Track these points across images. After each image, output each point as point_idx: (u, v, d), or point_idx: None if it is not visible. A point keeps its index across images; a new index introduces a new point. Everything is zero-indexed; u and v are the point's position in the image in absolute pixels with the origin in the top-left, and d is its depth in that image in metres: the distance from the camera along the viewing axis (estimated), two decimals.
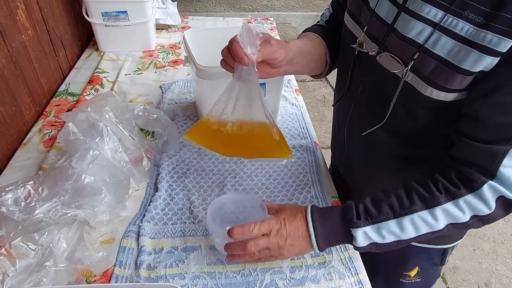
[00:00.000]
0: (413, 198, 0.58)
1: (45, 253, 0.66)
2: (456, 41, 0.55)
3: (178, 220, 0.77)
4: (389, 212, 0.59)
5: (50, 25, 1.16)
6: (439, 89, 0.58)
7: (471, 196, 0.56)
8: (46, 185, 0.74)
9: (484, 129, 0.55)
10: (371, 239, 0.60)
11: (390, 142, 0.72)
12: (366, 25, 0.69)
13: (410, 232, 0.58)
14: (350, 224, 0.60)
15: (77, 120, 0.83)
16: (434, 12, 0.57)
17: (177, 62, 1.33)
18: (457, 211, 0.57)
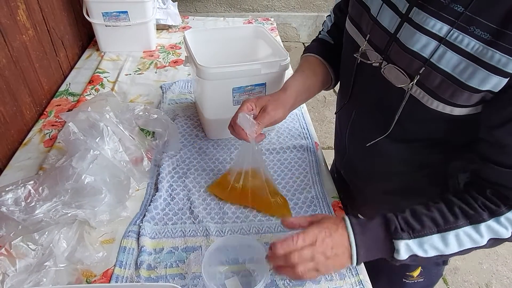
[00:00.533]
0: (456, 213, 0.58)
1: (45, 253, 0.66)
2: (463, 57, 0.54)
3: (179, 220, 0.77)
4: (432, 227, 0.58)
5: (51, 25, 1.16)
6: (445, 103, 0.58)
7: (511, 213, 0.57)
8: (47, 185, 0.74)
9: (510, 155, 0.56)
10: (412, 251, 0.58)
11: (392, 149, 0.72)
12: (368, 33, 0.68)
13: (454, 247, 0.57)
14: (394, 236, 0.58)
15: (77, 120, 0.83)
16: (439, 26, 0.56)
17: (177, 62, 1.33)
18: (500, 227, 0.57)
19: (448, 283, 1.69)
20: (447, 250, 0.57)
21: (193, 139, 0.98)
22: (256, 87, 0.91)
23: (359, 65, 0.72)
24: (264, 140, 1.00)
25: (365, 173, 0.85)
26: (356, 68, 0.74)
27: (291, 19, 3.47)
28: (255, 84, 0.90)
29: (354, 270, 0.70)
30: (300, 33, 3.55)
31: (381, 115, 0.70)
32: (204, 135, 1.00)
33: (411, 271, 0.89)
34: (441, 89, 0.58)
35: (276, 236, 0.75)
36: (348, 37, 0.76)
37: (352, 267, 0.70)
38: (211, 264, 0.67)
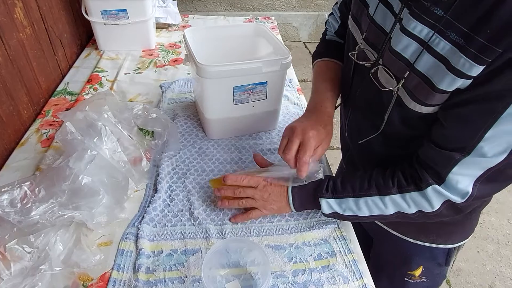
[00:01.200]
0: (371, 184, 0.67)
1: (41, 256, 0.65)
2: (437, 60, 0.55)
3: (178, 222, 0.75)
4: (350, 191, 0.68)
5: (49, 24, 1.14)
6: (421, 104, 0.60)
7: (417, 193, 0.63)
8: (43, 186, 0.72)
9: (446, 137, 0.59)
10: (333, 209, 0.70)
11: (385, 145, 0.73)
12: (365, 31, 0.69)
13: (365, 211, 0.67)
14: (318, 194, 0.71)
15: (75, 119, 0.82)
16: (419, 28, 0.57)
17: (177, 61, 1.32)
18: (404, 203, 0.64)
19: (451, 285, 1.67)
20: (360, 212, 0.68)
21: (193, 139, 0.96)
22: (257, 85, 0.89)
23: (356, 64, 0.73)
24: (265, 140, 0.98)
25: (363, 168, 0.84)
26: (353, 67, 0.74)
27: (291, 19, 3.45)
28: (256, 82, 0.88)
29: (358, 273, 0.68)
30: (301, 33, 3.53)
31: (372, 114, 0.72)
32: (204, 135, 0.98)
33: (413, 270, 0.88)
34: (417, 90, 0.60)
35: (278, 238, 0.74)
36: (350, 35, 0.76)
37: (356, 270, 0.69)
38: (211, 267, 0.65)
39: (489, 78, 0.51)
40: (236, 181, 0.74)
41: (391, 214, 0.66)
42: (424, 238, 0.83)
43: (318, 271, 0.68)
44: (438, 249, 0.84)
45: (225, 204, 0.76)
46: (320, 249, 0.72)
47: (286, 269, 0.68)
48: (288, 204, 0.74)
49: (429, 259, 0.86)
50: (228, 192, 0.75)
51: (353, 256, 0.71)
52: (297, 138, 0.70)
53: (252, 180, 0.74)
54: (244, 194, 0.74)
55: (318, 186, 0.72)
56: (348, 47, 0.78)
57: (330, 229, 0.75)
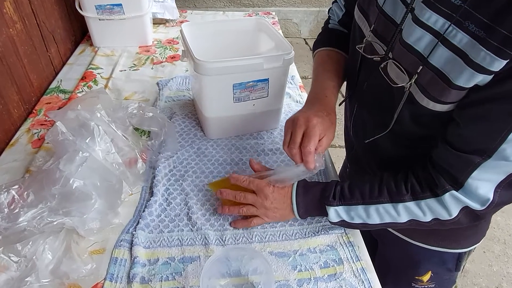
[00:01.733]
0: (382, 190, 0.63)
1: (28, 266, 0.60)
2: (453, 53, 0.51)
3: (175, 228, 0.71)
4: (359, 198, 0.64)
5: (41, 19, 1.09)
6: (435, 101, 0.56)
7: (433, 200, 0.59)
8: (32, 189, 0.68)
9: (463, 138, 0.55)
10: (341, 217, 0.65)
11: (392, 144, 0.69)
12: (374, 23, 0.64)
13: (375, 219, 0.63)
14: (325, 202, 0.66)
15: (66, 119, 0.78)
16: (434, 18, 0.52)
17: (175, 57, 1.27)
18: (419, 211, 0.60)
19: (457, 287, 1.63)
20: (370, 220, 0.64)
21: (191, 139, 0.92)
22: (258, 83, 0.85)
23: (364, 58, 0.68)
24: (266, 140, 0.94)
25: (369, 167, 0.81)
26: (360, 60, 0.70)
27: (292, 15, 3.40)
28: (257, 79, 0.84)
29: (367, 282, 0.64)
30: (301, 29, 3.48)
31: (381, 112, 0.68)
32: (203, 134, 0.94)
33: (421, 275, 0.85)
34: (430, 86, 0.55)
35: (281, 245, 0.69)
36: (356, 25, 0.71)
37: (365, 279, 0.64)
38: (211, 277, 0.61)
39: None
40: (238, 180, 0.71)
41: (404, 222, 0.62)
42: (433, 242, 0.79)
43: (324, 280, 0.64)
44: (448, 254, 0.80)
45: (225, 211, 0.72)
46: (326, 256, 0.68)
47: (290, 278, 0.64)
48: (292, 211, 0.70)
49: (438, 264, 0.82)
50: (229, 196, 0.71)
51: (362, 264, 0.67)
52: (300, 129, 0.66)
53: (253, 183, 0.70)
54: (244, 200, 0.70)
55: (324, 193, 0.67)
56: (354, 39, 0.74)
57: (336, 235, 0.71)
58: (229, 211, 0.72)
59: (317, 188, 0.69)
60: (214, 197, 0.78)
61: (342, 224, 0.67)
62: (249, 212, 0.70)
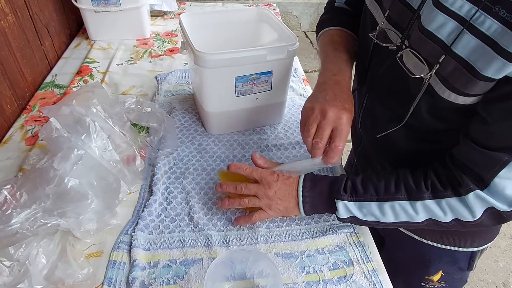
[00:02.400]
0: (399, 186, 0.59)
1: (21, 271, 0.57)
2: (481, 41, 0.47)
3: (176, 228, 0.68)
4: (374, 194, 0.60)
5: (34, 11, 1.05)
6: (457, 93, 0.52)
7: (455, 200, 0.55)
8: (25, 189, 0.65)
9: (490, 134, 0.52)
10: (352, 213, 0.61)
11: (406, 138, 0.65)
12: (388, 8, 0.59)
13: (389, 217, 0.59)
14: (335, 195, 0.62)
15: (60, 114, 0.74)
16: (459, 3, 0.48)
17: (173, 50, 1.23)
18: (439, 210, 0.57)
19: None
20: (384, 218, 0.60)
21: (192, 135, 0.88)
22: (261, 75, 0.81)
23: (376, 46, 0.64)
24: (270, 135, 0.90)
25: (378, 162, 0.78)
26: (372, 48, 0.66)
27: (292, 7, 3.35)
28: (260, 72, 0.80)
29: (379, 284, 0.61)
30: (302, 22, 3.44)
31: (395, 103, 0.64)
32: (204, 130, 0.90)
33: (431, 274, 0.82)
34: (454, 77, 0.51)
35: (288, 245, 0.66)
36: (367, 11, 0.67)
37: (376, 281, 0.61)
38: (215, 281, 0.58)
39: None
40: (240, 168, 0.67)
41: (420, 222, 0.58)
42: (445, 241, 0.75)
43: (334, 282, 0.61)
44: (460, 253, 0.77)
45: (226, 204, 0.67)
46: (336, 257, 0.64)
47: (298, 281, 0.61)
48: (297, 206, 0.65)
49: (450, 263, 0.79)
50: (229, 188, 0.67)
51: (373, 265, 0.63)
52: (329, 125, 0.61)
53: (255, 172, 0.66)
54: (246, 191, 0.66)
55: (333, 186, 0.63)
56: (365, 26, 0.69)
57: (345, 234, 0.68)
58: (229, 204, 0.67)
59: (326, 181, 0.64)
60: (217, 195, 0.74)
61: (352, 220, 0.63)
62: (251, 203, 0.66)
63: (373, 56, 0.68)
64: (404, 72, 0.57)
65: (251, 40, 0.96)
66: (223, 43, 0.91)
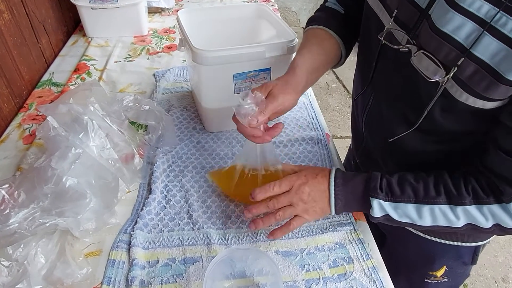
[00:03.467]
0: (440, 190, 0.58)
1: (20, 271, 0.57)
2: (503, 44, 0.45)
3: (176, 227, 0.68)
4: (412, 196, 0.58)
5: (30, 8, 1.04)
6: (477, 97, 0.51)
7: (497, 206, 0.55)
8: (23, 189, 0.65)
9: None
10: (386, 212, 0.59)
11: (417, 140, 0.64)
12: (396, 9, 0.58)
13: (427, 220, 0.58)
14: (371, 193, 0.60)
15: (58, 113, 0.73)
16: (478, 3, 0.46)
17: (171, 47, 1.22)
18: (480, 215, 0.56)
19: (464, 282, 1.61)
20: (420, 221, 0.58)
21: (191, 133, 0.88)
22: (260, 72, 0.80)
23: (383, 47, 0.62)
24: None
25: (384, 163, 0.77)
26: (379, 49, 0.64)
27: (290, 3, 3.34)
28: (259, 69, 0.80)
29: (379, 282, 0.61)
30: (300, 18, 3.42)
31: (404, 106, 0.62)
32: (202, 127, 0.90)
33: (435, 270, 0.81)
34: (473, 80, 0.49)
35: (288, 243, 0.66)
36: (370, 11, 0.66)
37: (377, 279, 0.61)
38: (214, 279, 0.58)
39: None
40: (267, 192, 0.62)
41: (459, 227, 0.57)
42: (449, 237, 0.75)
43: (334, 280, 0.61)
44: (464, 248, 0.77)
45: (260, 224, 0.63)
46: (335, 255, 0.64)
47: (298, 278, 0.61)
48: (328, 205, 0.62)
49: (454, 258, 0.79)
50: (261, 209, 0.63)
51: (373, 262, 0.63)
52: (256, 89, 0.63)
53: (283, 184, 0.62)
54: (279, 205, 0.62)
55: (368, 184, 0.61)
56: (369, 26, 0.68)
57: (345, 232, 0.68)
58: (263, 223, 0.63)
59: (359, 178, 0.62)
60: (216, 193, 0.74)
61: (386, 219, 0.60)
62: (287, 214, 0.62)
63: (380, 57, 0.66)
64: (414, 74, 0.56)
65: (249, 36, 0.95)
66: (221, 39, 0.91)
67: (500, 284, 1.58)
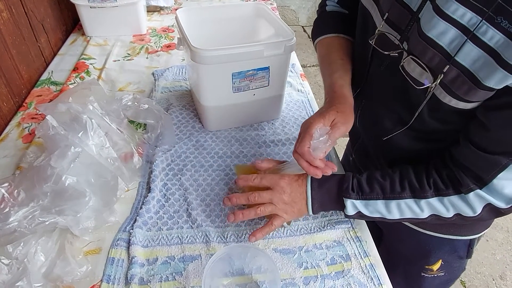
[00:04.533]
0: (404, 186, 0.60)
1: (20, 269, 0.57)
2: (483, 51, 0.47)
3: (174, 225, 0.68)
4: (380, 193, 0.61)
5: (29, 7, 1.04)
6: (458, 99, 0.53)
7: (457, 197, 0.57)
8: (23, 187, 0.65)
9: (491, 140, 0.53)
10: (358, 209, 0.62)
11: (408, 138, 0.66)
12: (387, 11, 0.59)
13: (395, 214, 0.61)
14: (343, 194, 0.63)
15: (57, 112, 0.74)
16: (461, 11, 0.48)
17: (170, 46, 1.23)
18: (441, 207, 0.59)
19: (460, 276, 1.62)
20: (389, 215, 0.61)
21: (189, 131, 0.88)
22: (259, 71, 0.81)
23: (375, 50, 0.63)
24: (267, 131, 0.90)
25: (378, 159, 0.78)
26: (372, 52, 0.65)
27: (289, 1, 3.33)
28: (257, 68, 0.80)
29: (376, 279, 0.61)
30: (299, 16, 3.42)
31: (396, 105, 0.64)
32: (201, 126, 0.90)
33: (431, 264, 0.82)
34: (455, 84, 0.51)
35: (286, 241, 0.66)
36: (365, 11, 0.66)
37: (374, 276, 0.62)
38: (213, 277, 0.58)
39: None
40: (248, 180, 0.65)
41: (424, 218, 0.60)
42: (445, 230, 0.76)
43: (331, 277, 0.61)
44: (459, 241, 0.78)
45: (239, 216, 0.63)
46: (333, 253, 0.65)
47: (296, 276, 0.61)
48: (305, 206, 0.65)
49: (449, 252, 0.80)
50: (240, 200, 0.64)
51: (370, 260, 0.64)
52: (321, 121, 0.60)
53: (265, 179, 0.64)
54: (260, 200, 0.63)
55: (341, 185, 0.63)
56: (363, 28, 0.68)
57: (343, 230, 0.68)
58: (243, 216, 0.63)
59: (333, 181, 0.65)
60: (215, 191, 0.74)
61: (359, 216, 0.63)
62: (267, 211, 0.63)
63: (373, 58, 0.67)
64: (403, 77, 0.58)
65: (248, 35, 0.95)
66: (220, 38, 0.91)
67: (497, 282, 1.59)
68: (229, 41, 0.81)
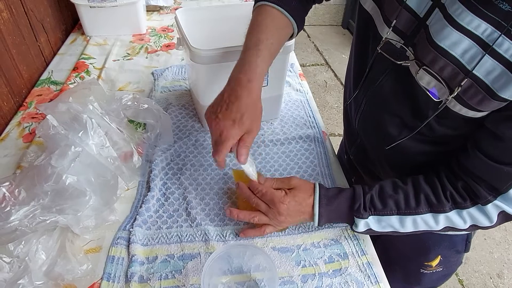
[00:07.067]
0: (419, 200, 0.60)
1: (21, 267, 0.58)
2: (498, 63, 0.47)
3: (174, 224, 0.69)
4: (394, 209, 0.60)
5: (29, 7, 1.05)
6: (469, 108, 0.53)
7: (475, 209, 0.58)
8: (23, 186, 0.65)
9: (504, 151, 0.53)
10: (369, 226, 0.62)
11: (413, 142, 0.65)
12: (395, 18, 0.58)
13: (409, 229, 0.61)
14: (356, 214, 0.62)
15: (57, 112, 0.74)
16: (476, 23, 0.47)
17: (170, 46, 1.23)
18: (459, 219, 0.59)
19: (458, 274, 1.63)
20: (402, 229, 0.61)
21: (189, 131, 0.89)
22: None
23: (379, 55, 0.62)
24: (266, 131, 0.91)
25: (378, 161, 0.78)
26: (374, 57, 0.65)
27: None
28: None
29: (373, 277, 0.62)
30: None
31: (400, 112, 0.63)
32: (200, 126, 0.91)
33: (430, 260, 0.83)
34: (467, 94, 0.51)
35: (284, 239, 0.67)
36: (366, 15, 0.65)
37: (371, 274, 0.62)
38: (212, 275, 0.59)
39: None
40: (250, 197, 0.65)
41: (439, 230, 0.61)
42: None
43: (329, 275, 0.62)
44: (457, 236, 0.79)
45: (234, 215, 0.65)
46: (331, 251, 0.66)
47: (294, 274, 0.62)
48: (311, 219, 0.65)
49: (448, 247, 0.81)
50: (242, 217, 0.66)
51: (367, 258, 0.65)
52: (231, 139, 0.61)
53: (265, 197, 0.64)
54: (257, 207, 0.65)
55: (353, 204, 0.62)
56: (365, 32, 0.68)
57: (341, 229, 0.69)
58: (238, 217, 0.65)
59: (343, 198, 0.63)
60: (214, 191, 0.75)
61: (368, 233, 0.64)
62: (261, 221, 0.65)
63: (375, 63, 0.66)
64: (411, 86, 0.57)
65: None
66: (219, 38, 0.91)
67: (495, 280, 1.60)
68: (229, 41, 0.81)
